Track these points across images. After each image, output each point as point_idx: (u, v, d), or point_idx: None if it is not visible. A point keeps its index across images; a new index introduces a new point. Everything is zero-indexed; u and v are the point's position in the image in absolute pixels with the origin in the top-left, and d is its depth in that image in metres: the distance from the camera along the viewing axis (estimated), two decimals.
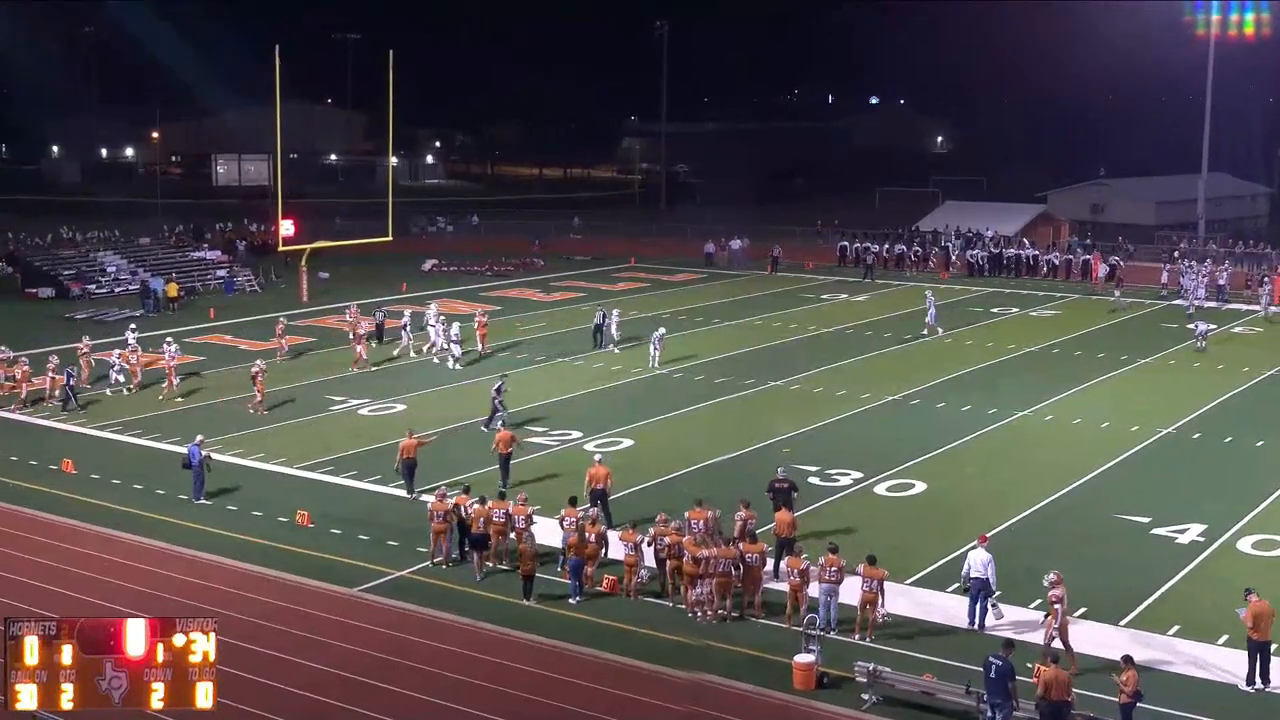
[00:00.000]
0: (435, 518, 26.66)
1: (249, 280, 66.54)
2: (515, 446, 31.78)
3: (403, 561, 26.91)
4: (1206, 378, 44.08)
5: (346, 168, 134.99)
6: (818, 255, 76.52)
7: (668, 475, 32.84)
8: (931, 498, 31.33)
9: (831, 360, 46.88)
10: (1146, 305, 59.85)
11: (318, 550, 27.54)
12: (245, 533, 28.74)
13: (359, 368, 44.99)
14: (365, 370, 44.75)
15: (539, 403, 40.49)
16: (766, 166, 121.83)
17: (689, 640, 23.14)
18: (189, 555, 27.33)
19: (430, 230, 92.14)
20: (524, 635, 23.39)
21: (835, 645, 22.54)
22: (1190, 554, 27.34)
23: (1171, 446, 35.94)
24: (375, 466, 33.23)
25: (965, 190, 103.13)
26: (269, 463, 34.31)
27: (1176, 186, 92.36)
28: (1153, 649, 22.59)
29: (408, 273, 68.43)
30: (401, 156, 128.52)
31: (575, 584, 24.97)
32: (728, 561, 23.89)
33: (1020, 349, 49.44)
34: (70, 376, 40.17)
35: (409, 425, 33.29)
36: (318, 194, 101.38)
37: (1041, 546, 27.85)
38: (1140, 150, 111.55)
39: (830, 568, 23.33)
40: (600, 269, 73.42)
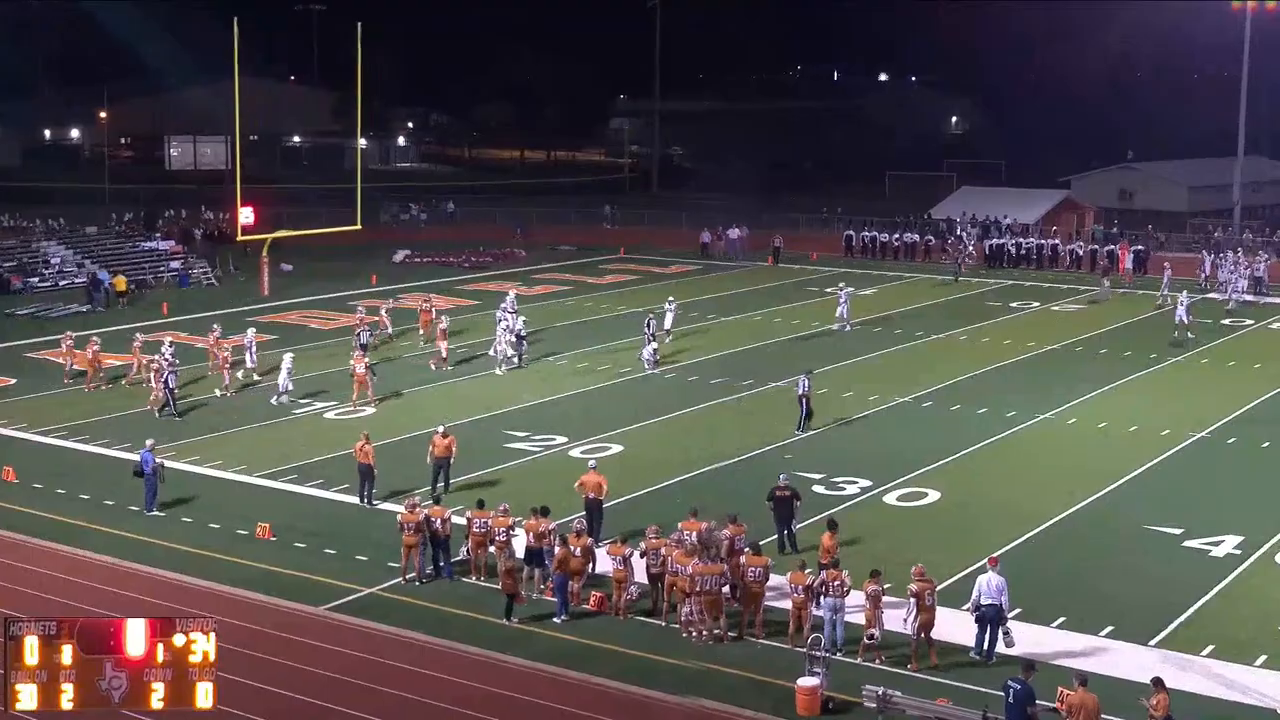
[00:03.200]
0: (406, 530, 26.63)
1: (205, 273, 66.44)
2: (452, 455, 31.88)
3: (373, 577, 26.89)
4: (1242, 377, 44.17)
5: (312, 150, 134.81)
6: (824, 245, 76.62)
7: (660, 483, 32.86)
8: (945, 507, 31.38)
9: (837, 359, 46.92)
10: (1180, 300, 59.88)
11: (280, 565, 27.50)
12: (201, 546, 28.67)
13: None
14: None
15: (521, 405, 40.56)
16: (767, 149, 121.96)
17: (684, 662, 23.15)
18: (140, 571, 27.26)
19: (402, 218, 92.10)
20: (506, 658, 23.37)
21: (842, 667, 22.56)
22: (1225, 568, 27.39)
23: (1205, 452, 36.02)
24: (343, 474, 33.19)
25: (982, 175, 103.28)
26: (227, 470, 34.25)
27: (1211, 170, 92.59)
28: (1185, 671, 22.63)
29: (378, 265, 68.40)
30: (371, 138, 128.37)
31: (560, 602, 24.98)
32: (716, 578, 23.87)
33: (1041, 347, 49.53)
34: (170, 379, 39.61)
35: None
36: (280, 179, 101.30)
37: (1064, 561, 27.92)
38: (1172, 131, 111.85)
39: (833, 582, 23.35)
40: (586, 260, 73.46)
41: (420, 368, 45.62)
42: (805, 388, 37.56)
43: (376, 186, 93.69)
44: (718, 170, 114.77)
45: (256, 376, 43.57)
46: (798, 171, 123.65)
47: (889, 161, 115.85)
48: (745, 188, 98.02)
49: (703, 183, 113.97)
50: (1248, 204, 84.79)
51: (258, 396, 41.84)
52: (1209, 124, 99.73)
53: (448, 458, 31.85)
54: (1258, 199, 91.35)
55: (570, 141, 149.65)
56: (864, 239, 75.60)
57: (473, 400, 41.25)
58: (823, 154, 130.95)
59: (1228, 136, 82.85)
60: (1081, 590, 26.23)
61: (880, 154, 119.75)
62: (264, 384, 42.91)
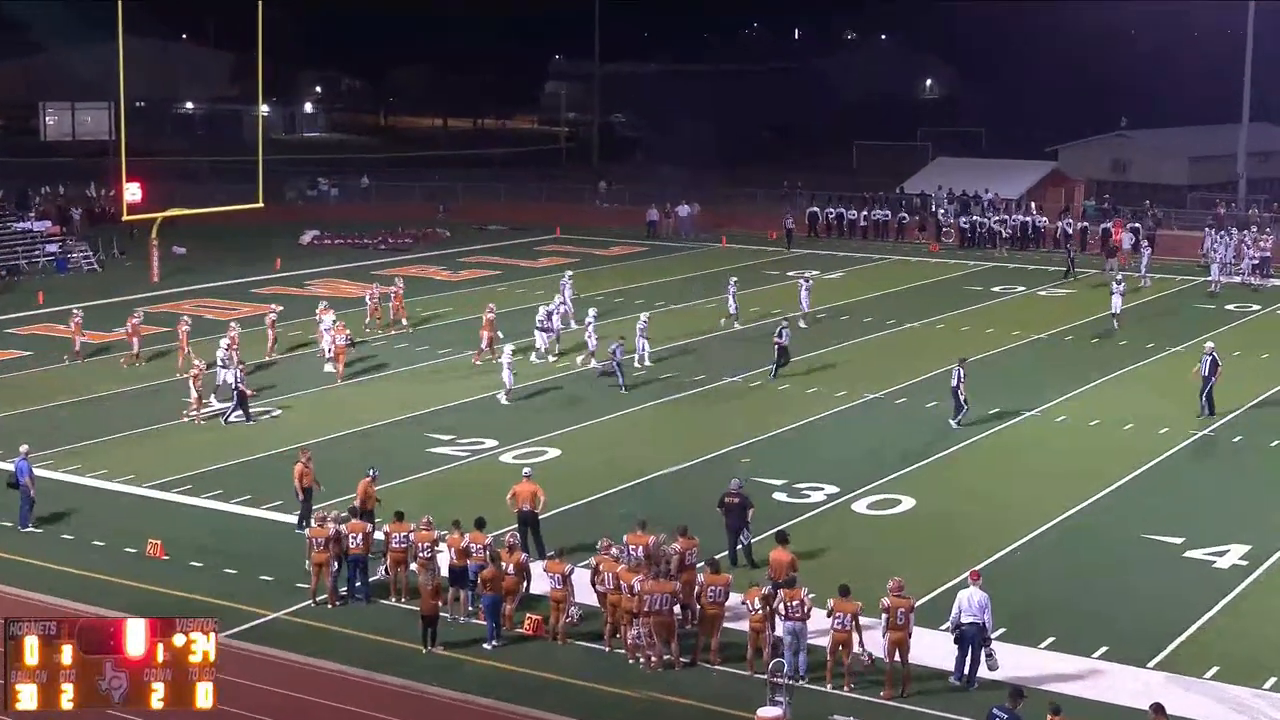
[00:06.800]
0: (316, 547, 26.51)
1: (86, 257, 65.85)
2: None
3: (279, 601, 26.76)
4: (1248, 369, 44.60)
5: (207, 118, 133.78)
6: (782, 223, 76.68)
7: (601, 493, 32.87)
8: (921, 516, 31.52)
9: (801, 350, 47.04)
10: (1178, 281, 60.56)
11: (174, 588, 27.28)
12: (84, 567, 28.46)
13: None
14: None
15: (446, 405, 40.47)
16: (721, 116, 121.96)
17: (631, 692, 23.16)
18: (12, 595, 26.99)
19: (310, 194, 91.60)
20: (430, 689, 23.32)
21: (807, 695, 22.63)
22: (1231, 581, 27.66)
23: (1207, 452, 36.39)
24: (244, 484, 33.01)
25: (960, 145, 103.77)
26: (113, 481, 34.00)
27: (1213, 139, 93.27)
28: (1188, 694, 22.84)
29: (283, 247, 67.96)
30: (275, 105, 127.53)
31: (491, 625, 24.93)
32: (666, 597, 23.87)
33: (1026, 336, 49.87)
34: (237, 379, 39.13)
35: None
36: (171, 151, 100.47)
37: (1054, 574, 28.11)
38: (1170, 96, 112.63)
39: (793, 601, 23.40)
40: (519, 241, 73.31)
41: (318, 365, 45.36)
42: (959, 379, 37.91)
43: (281, 159, 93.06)
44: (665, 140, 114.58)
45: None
46: (755, 141, 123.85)
47: (857, 130, 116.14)
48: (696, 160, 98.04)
49: (649, 154, 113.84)
50: (1254, 176, 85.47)
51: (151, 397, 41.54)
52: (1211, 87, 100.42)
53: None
54: (1265, 170, 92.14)
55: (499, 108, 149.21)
56: (828, 216, 75.81)
57: (390, 399, 41.12)
58: (783, 121, 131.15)
59: (1232, 101, 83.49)
60: (1073, 607, 26.43)
61: (847, 121, 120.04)
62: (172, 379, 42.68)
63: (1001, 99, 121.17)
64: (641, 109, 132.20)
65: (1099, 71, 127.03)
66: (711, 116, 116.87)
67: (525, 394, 41.50)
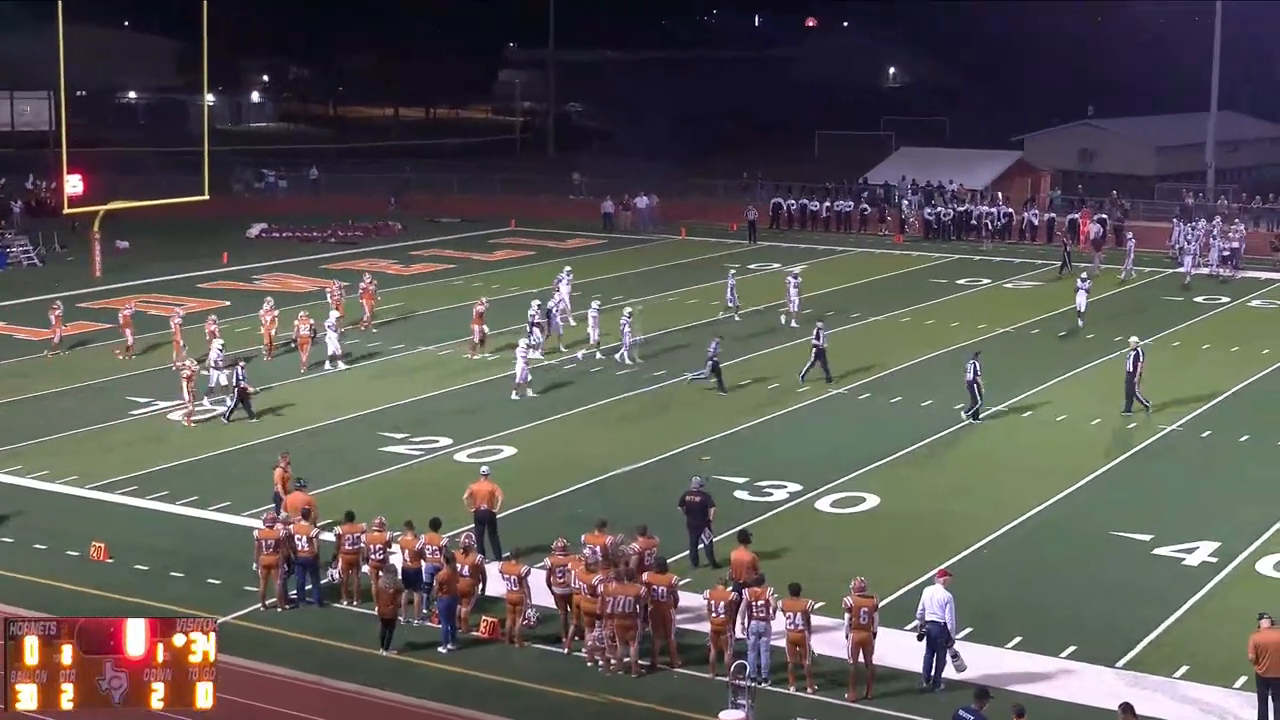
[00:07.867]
0: (264, 548, 26.44)
1: (26, 251, 65.43)
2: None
3: (227, 604, 26.66)
4: (1218, 362, 44.94)
5: (151, 108, 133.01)
6: (744, 215, 76.78)
7: (558, 491, 32.87)
8: (886, 514, 31.63)
9: (762, 345, 47.10)
10: (1147, 273, 60.88)
11: (118, 591, 27.18)
12: (24, 571, 28.30)
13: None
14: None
15: (398, 402, 40.42)
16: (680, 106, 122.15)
17: (590, 696, 23.18)
18: None
19: (258, 186, 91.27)
20: (383, 694, 23.29)
21: (769, 698, 22.68)
22: (1200, 579, 27.84)
23: (1176, 447, 36.58)
24: (190, 484, 32.89)
25: (924, 134, 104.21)
26: (54, 482, 33.82)
27: (1181, 128, 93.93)
28: (1157, 695, 23.00)
29: (230, 241, 67.71)
30: (220, 94, 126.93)
31: (446, 629, 24.91)
32: (629, 599, 23.90)
33: (993, 329, 50.06)
34: (239, 377, 38.77)
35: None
36: (114, 141, 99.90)
37: (1020, 572, 28.26)
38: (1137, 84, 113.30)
39: (757, 601, 23.45)
40: (473, 234, 73.21)
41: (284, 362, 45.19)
42: (975, 372, 38.10)
43: (227, 150, 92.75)
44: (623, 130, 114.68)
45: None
46: (716, 131, 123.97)
47: (819, 119, 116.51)
48: (655, 150, 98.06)
49: (606, 144, 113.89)
50: (1223, 166, 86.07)
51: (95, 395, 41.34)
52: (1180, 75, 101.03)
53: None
54: (1234, 160, 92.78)
55: (452, 97, 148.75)
56: (789, 208, 75.93)
57: (341, 398, 41.01)
58: (743, 111, 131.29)
59: (1201, 89, 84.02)
60: (1040, 606, 26.57)
61: (809, 111, 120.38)
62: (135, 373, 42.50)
63: (965, 88, 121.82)
64: (599, 98, 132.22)
65: (1066, 59, 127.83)
66: (670, 106, 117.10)
67: (482, 388, 41.49)
